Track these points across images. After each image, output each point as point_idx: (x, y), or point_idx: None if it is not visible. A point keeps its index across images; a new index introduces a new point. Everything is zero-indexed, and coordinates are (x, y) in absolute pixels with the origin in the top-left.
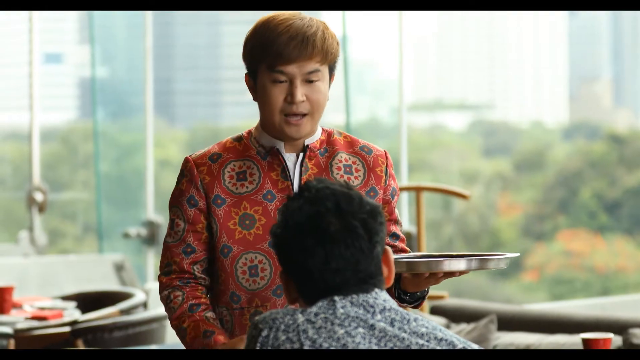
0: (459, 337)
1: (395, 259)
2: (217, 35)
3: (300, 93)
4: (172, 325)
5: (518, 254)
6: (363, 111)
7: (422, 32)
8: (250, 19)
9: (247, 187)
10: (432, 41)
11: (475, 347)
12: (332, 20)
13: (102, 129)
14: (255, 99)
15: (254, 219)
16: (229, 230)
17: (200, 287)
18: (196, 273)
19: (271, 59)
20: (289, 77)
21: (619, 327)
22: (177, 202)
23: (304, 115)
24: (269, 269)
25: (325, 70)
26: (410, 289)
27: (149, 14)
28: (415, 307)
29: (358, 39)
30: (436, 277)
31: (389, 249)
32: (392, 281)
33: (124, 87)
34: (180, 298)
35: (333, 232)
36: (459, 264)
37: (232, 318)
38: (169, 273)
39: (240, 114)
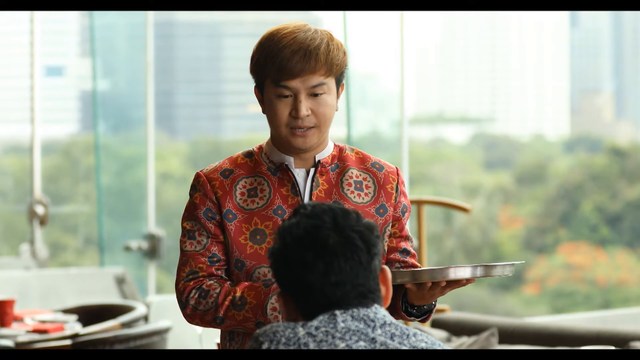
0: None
1: (399, 269)
2: (218, 48)
3: (304, 107)
4: (219, 312)
5: (523, 262)
6: (364, 124)
7: (424, 44)
8: (252, 32)
9: (257, 203)
10: (433, 54)
11: None
12: (333, 33)
13: (103, 141)
14: (264, 111)
15: (265, 234)
16: (240, 245)
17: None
18: (223, 276)
19: (275, 74)
20: (293, 91)
21: (620, 340)
22: (193, 215)
23: (311, 127)
24: None
25: (331, 82)
26: (416, 302)
27: (151, 27)
28: (423, 322)
29: (359, 51)
30: (441, 287)
31: (387, 268)
32: (389, 301)
33: (125, 100)
34: (215, 284)
35: (332, 244)
36: (464, 272)
37: (243, 332)
38: (195, 278)
39: (242, 127)
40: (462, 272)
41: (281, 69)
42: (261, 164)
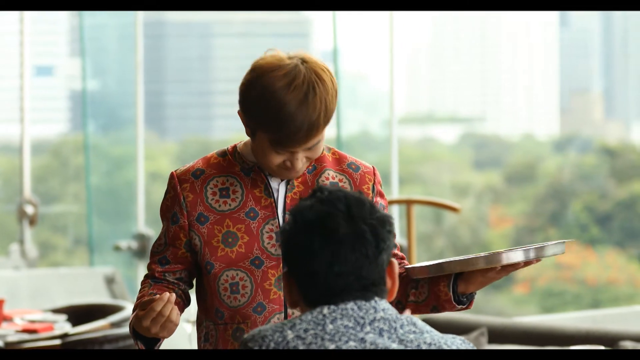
0: (447, 339)
1: (447, 261)
2: (208, 48)
3: (301, 163)
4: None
5: (572, 240)
6: (354, 124)
7: (414, 44)
8: (242, 31)
9: (229, 205)
10: (423, 54)
11: (466, 347)
12: (323, 33)
13: (93, 141)
14: (248, 134)
15: (237, 237)
16: (212, 247)
17: (171, 286)
18: (168, 278)
19: (274, 141)
20: (291, 151)
21: (610, 340)
22: (163, 216)
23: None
24: (250, 286)
25: (325, 130)
26: (471, 289)
27: (140, 27)
28: (467, 308)
29: (349, 51)
30: (496, 271)
31: (395, 261)
32: (394, 294)
33: (115, 100)
34: (145, 294)
35: (341, 234)
36: (516, 256)
37: (216, 333)
38: (146, 274)
39: (232, 127)
40: (514, 256)
41: (283, 141)
42: (234, 164)
